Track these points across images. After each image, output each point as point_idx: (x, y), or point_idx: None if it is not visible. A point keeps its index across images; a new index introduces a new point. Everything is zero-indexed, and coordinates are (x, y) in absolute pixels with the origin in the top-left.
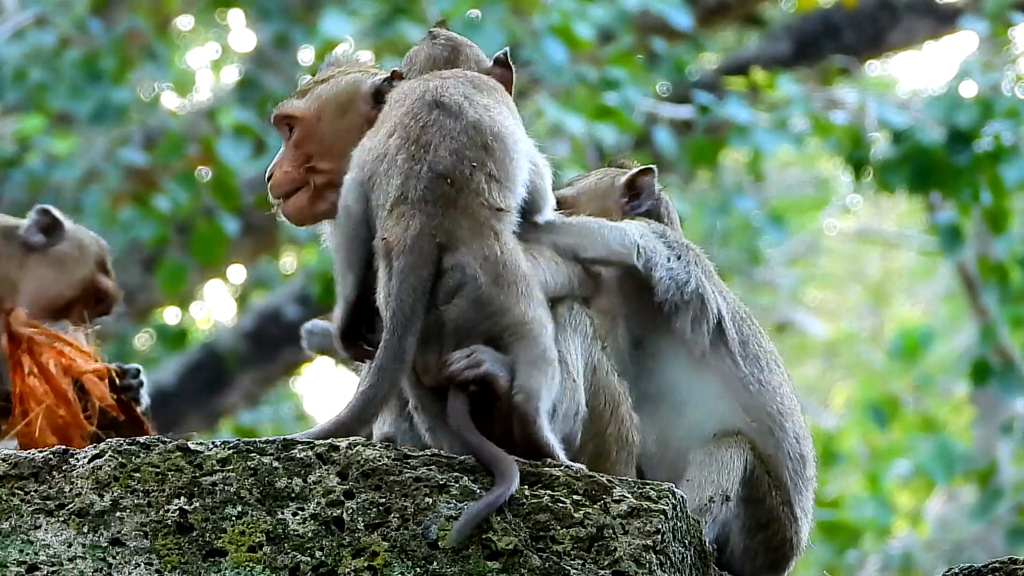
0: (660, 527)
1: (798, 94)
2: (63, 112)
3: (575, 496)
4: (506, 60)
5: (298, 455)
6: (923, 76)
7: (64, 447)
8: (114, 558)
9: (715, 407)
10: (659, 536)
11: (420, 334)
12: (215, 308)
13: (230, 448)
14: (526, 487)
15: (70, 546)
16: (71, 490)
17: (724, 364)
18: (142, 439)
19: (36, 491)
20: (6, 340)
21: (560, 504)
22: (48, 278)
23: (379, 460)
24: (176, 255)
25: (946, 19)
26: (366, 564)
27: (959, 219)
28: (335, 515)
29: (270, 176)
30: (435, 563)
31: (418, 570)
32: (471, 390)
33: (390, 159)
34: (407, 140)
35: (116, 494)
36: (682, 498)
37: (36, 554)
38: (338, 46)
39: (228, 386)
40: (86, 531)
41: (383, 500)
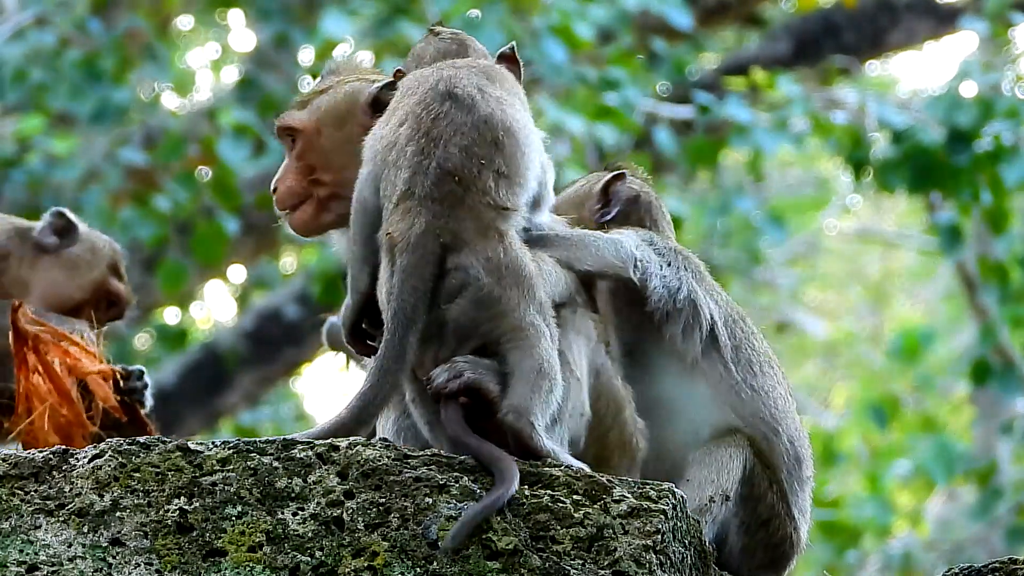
0: (660, 527)
1: (798, 94)
2: (63, 112)
3: (575, 496)
4: (513, 55)
5: (298, 455)
6: (923, 76)
7: (64, 447)
8: (114, 558)
9: (708, 414)
10: (659, 536)
11: (421, 332)
12: (215, 308)
13: (230, 448)
14: (526, 487)
15: (70, 546)
16: (71, 490)
17: (716, 371)
18: (142, 439)
19: (36, 491)
20: (12, 337)
21: (560, 504)
22: (59, 280)
23: (379, 460)
24: (176, 255)
25: (946, 19)
26: (366, 564)
27: (959, 219)
28: (335, 515)
29: (275, 190)
30: (435, 563)
31: (418, 570)
32: (461, 401)
33: (399, 149)
34: (417, 131)
35: (116, 494)
36: (682, 498)
37: (36, 554)
38: (338, 46)
39: (228, 386)
40: (86, 531)
41: (383, 500)
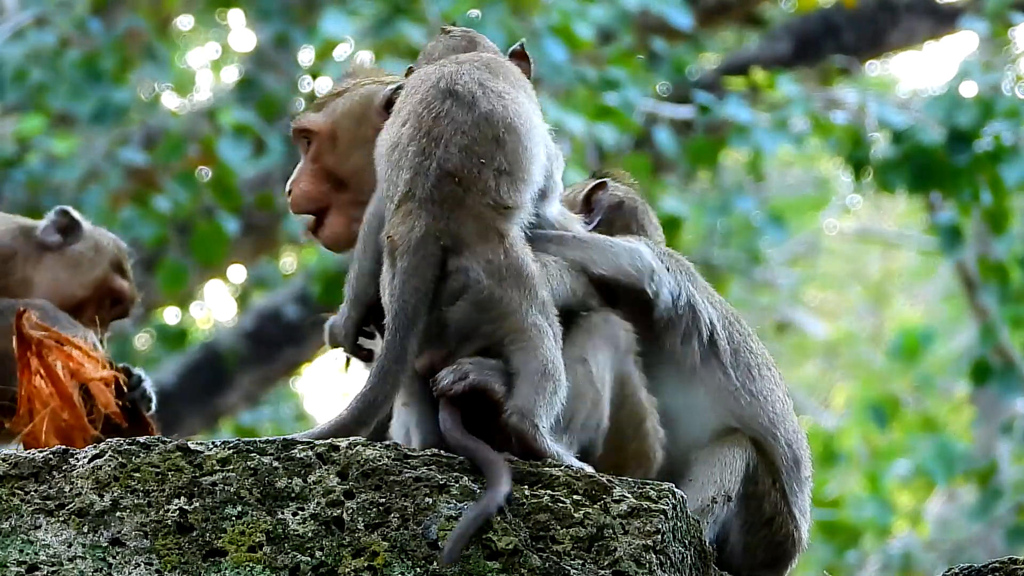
0: (660, 527)
1: (798, 94)
2: (63, 112)
3: (575, 496)
4: (523, 52)
5: (298, 455)
6: (923, 76)
7: (64, 447)
8: (114, 558)
9: (707, 419)
10: (659, 536)
11: (423, 333)
12: (215, 308)
13: (230, 448)
14: (526, 487)
15: (70, 546)
16: (71, 490)
17: (715, 377)
18: (142, 439)
19: (36, 491)
20: (16, 342)
21: (560, 504)
22: (62, 278)
23: (379, 460)
24: (176, 255)
25: (946, 19)
26: (366, 564)
27: (959, 219)
28: (335, 515)
29: (289, 192)
30: (435, 563)
31: (418, 570)
32: (461, 402)
33: (401, 149)
34: (419, 131)
35: (116, 494)
36: (682, 498)
37: (36, 554)
38: (338, 46)
39: (228, 386)
40: (86, 531)
41: (383, 500)
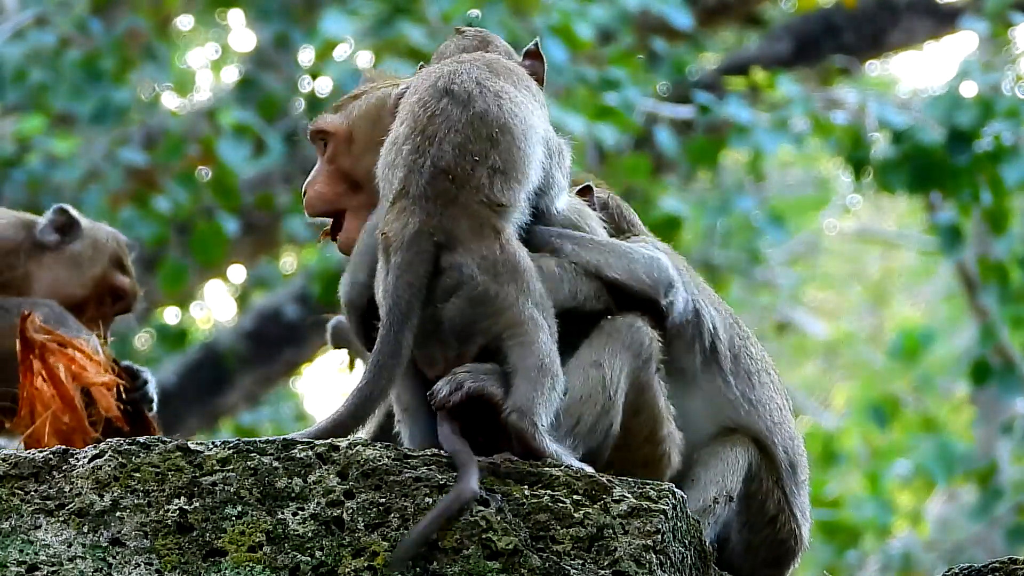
0: (660, 527)
1: (798, 94)
2: (63, 112)
3: (575, 496)
4: (537, 51)
5: (298, 455)
6: (923, 76)
7: (64, 447)
8: (114, 558)
9: (707, 424)
10: (659, 536)
11: (419, 330)
12: (215, 308)
13: (230, 448)
14: (526, 487)
15: (70, 546)
16: (71, 490)
17: (715, 384)
18: (142, 439)
19: (36, 491)
20: (20, 345)
21: (560, 504)
22: (61, 277)
23: (379, 460)
24: (176, 255)
25: (946, 19)
26: (366, 564)
27: (959, 219)
28: (335, 515)
29: (304, 192)
30: (435, 563)
31: (418, 570)
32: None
33: (397, 148)
34: (414, 130)
35: (116, 494)
36: (682, 498)
37: (36, 554)
38: (338, 46)
39: (228, 386)
40: (86, 531)
41: (383, 500)
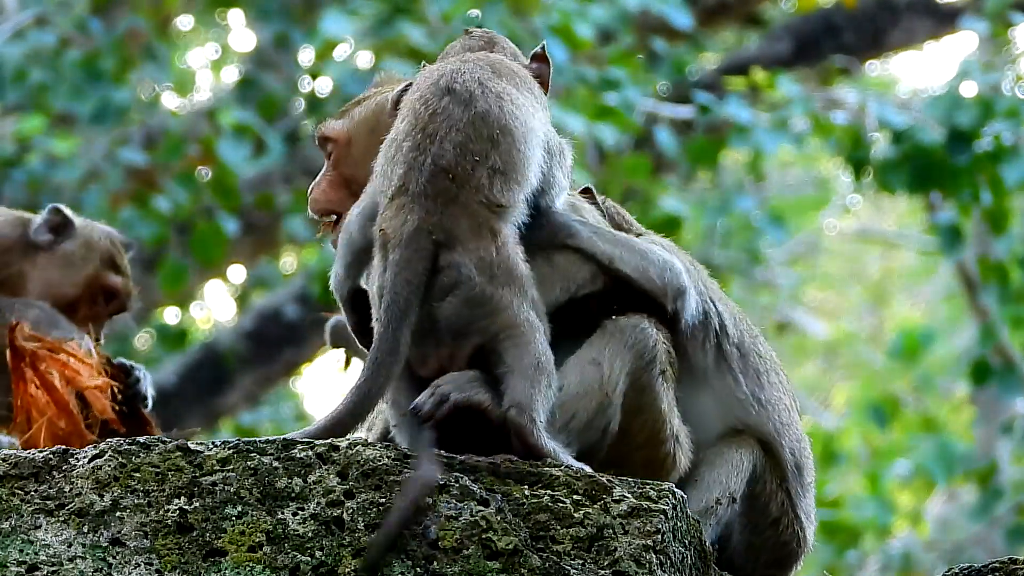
0: (660, 527)
1: (798, 94)
2: (63, 112)
3: (575, 496)
4: (544, 54)
5: (298, 455)
6: (923, 76)
7: (64, 447)
8: (114, 558)
9: (715, 424)
10: (659, 536)
11: (416, 328)
12: (215, 308)
13: (230, 448)
14: (526, 487)
15: (70, 546)
16: (71, 490)
17: (726, 383)
18: (142, 439)
19: (36, 491)
20: (10, 355)
21: (560, 504)
22: (54, 277)
23: (379, 460)
24: (176, 255)
25: (946, 19)
26: (366, 564)
27: (959, 219)
28: (335, 515)
29: (310, 193)
30: (435, 563)
31: (418, 570)
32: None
33: (397, 145)
34: (415, 127)
35: (116, 494)
36: (682, 498)
37: (36, 554)
38: (338, 46)
39: (228, 386)
40: (86, 531)
41: (383, 500)
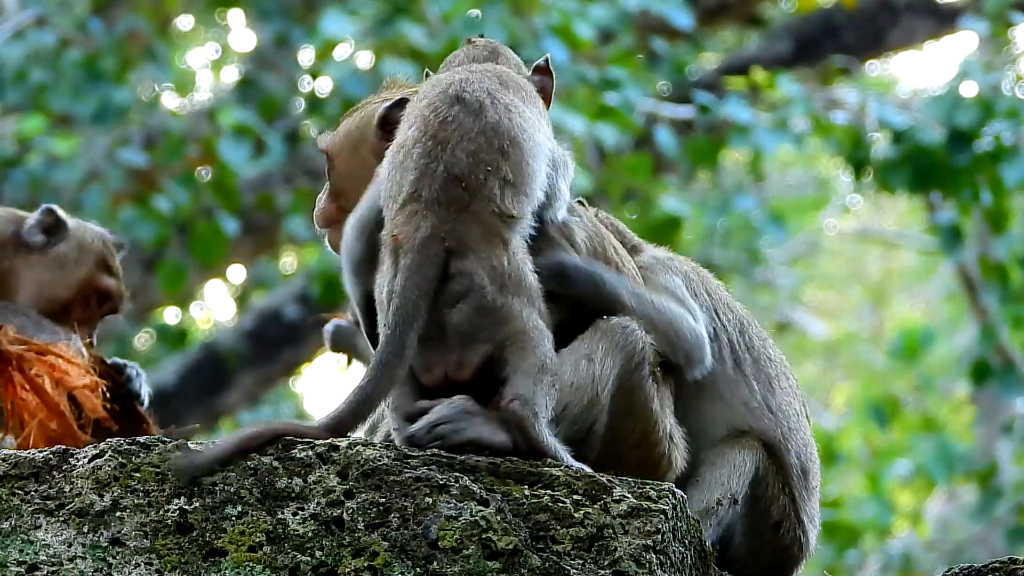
0: (660, 527)
1: (798, 94)
2: (64, 112)
3: (575, 496)
4: (547, 67)
5: (298, 455)
6: (923, 76)
7: (64, 447)
8: (114, 558)
9: (721, 426)
10: (659, 536)
11: (422, 333)
12: (215, 308)
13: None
14: (526, 487)
15: (70, 546)
16: (71, 490)
17: (738, 389)
18: (142, 439)
19: (36, 491)
20: None
21: (560, 504)
22: (46, 279)
23: (379, 460)
24: (176, 255)
25: (946, 19)
26: (366, 564)
27: (959, 219)
28: (335, 515)
29: (315, 207)
30: (435, 563)
31: (418, 570)
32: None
33: (406, 151)
34: (424, 133)
35: (116, 494)
36: (682, 498)
37: (36, 554)
38: (338, 46)
39: (228, 386)
40: (86, 531)
41: (383, 500)
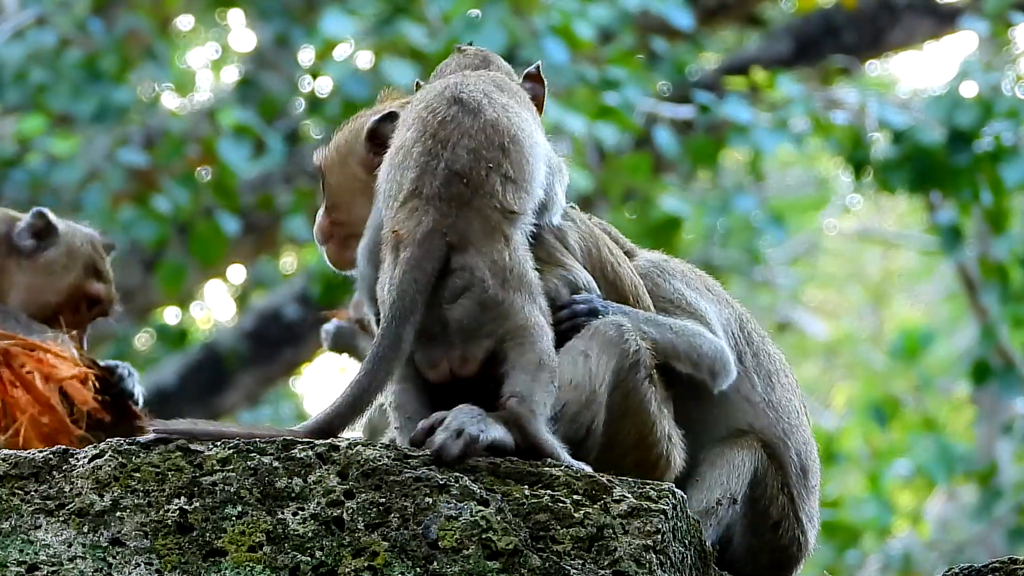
0: (660, 527)
1: (798, 94)
2: (64, 112)
3: (575, 496)
4: (538, 74)
5: (298, 455)
6: (923, 76)
7: (64, 447)
8: (114, 558)
9: (721, 426)
10: (659, 536)
11: (424, 330)
12: (215, 308)
13: (230, 448)
14: (526, 487)
15: (70, 546)
16: (71, 490)
17: (744, 386)
18: (142, 439)
19: (36, 491)
20: None
21: (560, 504)
22: (35, 285)
23: (379, 460)
24: (176, 255)
25: (946, 19)
26: (366, 564)
27: (959, 219)
28: (335, 515)
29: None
30: (435, 563)
31: (418, 570)
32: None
33: (406, 151)
34: (423, 133)
35: (116, 494)
36: (682, 498)
37: (36, 554)
38: (338, 46)
39: (228, 386)
40: (86, 531)
41: (383, 500)
